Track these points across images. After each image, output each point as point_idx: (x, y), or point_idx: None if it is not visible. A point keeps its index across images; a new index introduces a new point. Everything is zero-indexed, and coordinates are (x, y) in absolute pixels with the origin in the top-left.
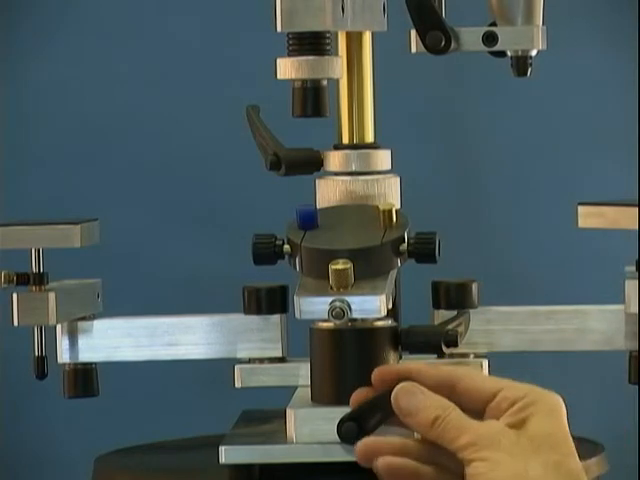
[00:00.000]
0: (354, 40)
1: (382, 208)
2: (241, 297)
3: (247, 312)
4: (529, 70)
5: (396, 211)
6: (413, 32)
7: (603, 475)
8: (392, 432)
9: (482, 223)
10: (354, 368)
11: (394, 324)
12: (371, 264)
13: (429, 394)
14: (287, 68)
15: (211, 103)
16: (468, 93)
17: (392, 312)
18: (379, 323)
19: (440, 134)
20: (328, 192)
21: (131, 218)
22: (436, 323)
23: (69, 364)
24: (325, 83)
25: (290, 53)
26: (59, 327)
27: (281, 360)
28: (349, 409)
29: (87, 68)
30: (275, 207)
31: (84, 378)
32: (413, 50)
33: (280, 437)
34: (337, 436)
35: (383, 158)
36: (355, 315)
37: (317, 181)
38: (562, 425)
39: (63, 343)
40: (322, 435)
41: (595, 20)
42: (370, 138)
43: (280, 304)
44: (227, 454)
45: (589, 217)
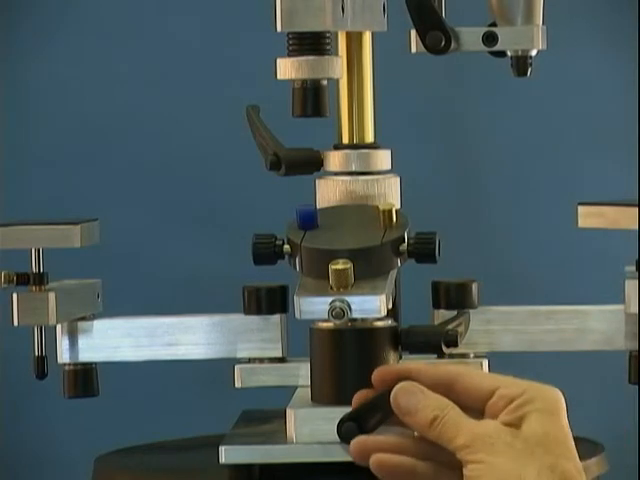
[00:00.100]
0: (354, 40)
1: (382, 208)
2: (241, 297)
3: (247, 312)
4: (529, 70)
5: (396, 211)
6: (413, 32)
7: (603, 475)
8: (392, 432)
9: (482, 223)
10: (354, 368)
11: (394, 324)
12: (371, 264)
13: (428, 393)
14: (287, 68)
15: (211, 103)
16: (468, 93)
17: (392, 312)
18: (379, 323)
19: (440, 134)
20: (328, 192)
21: (131, 218)
22: (436, 323)
23: (69, 364)
24: (325, 83)
25: (290, 53)
26: (59, 327)
27: (281, 360)
28: (349, 409)
29: (87, 68)
30: (275, 207)
31: (84, 378)
32: (413, 50)
33: (280, 437)
34: (337, 436)
35: (383, 158)
36: (355, 315)
37: (317, 181)
38: (559, 423)
39: (63, 343)
40: (322, 435)
41: (595, 20)
42: (370, 138)
43: (280, 304)
44: (227, 454)
45: (589, 217)
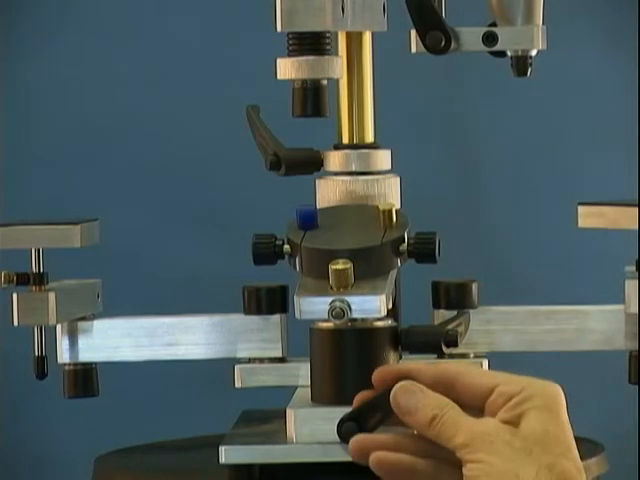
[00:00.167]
0: (354, 40)
1: (382, 208)
2: (241, 297)
3: (247, 312)
4: (529, 70)
5: (396, 211)
6: (413, 32)
7: (603, 475)
8: (392, 431)
9: (482, 223)
10: (354, 368)
11: (394, 324)
12: (371, 264)
13: (428, 392)
14: (287, 68)
15: (211, 103)
16: (468, 93)
17: (392, 312)
18: (379, 323)
19: (440, 134)
20: (328, 192)
21: (131, 218)
22: (436, 323)
23: (69, 364)
24: (325, 83)
25: (290, 53)
26: (59, 327)
27: (281, 360)
28: (349, 409)
29: (87, 68)
30: (275, 207)
31: (84, 378)
32: (413, 50)
33: (280, 437)
34: (337, 436)
35: (383, 158)
36: (355, 315)
37: (317, 181)
38: (559, 419)
39: (63, 343)
40: (322, 435)
41: (595, 20)
42: (370, 138)
43: (280, 304)
44: (227, 454)
45: (589, 217)
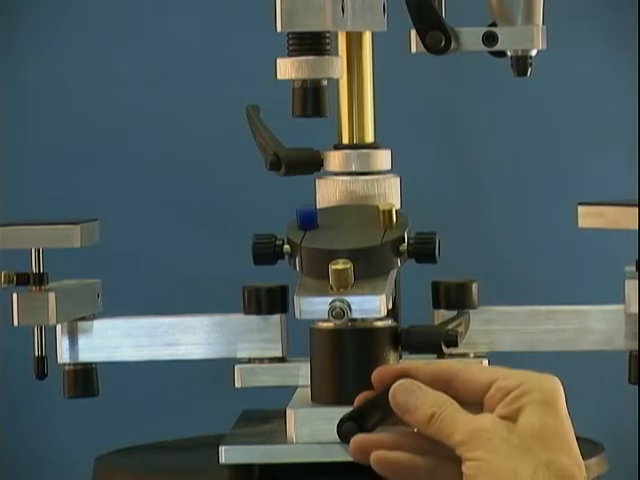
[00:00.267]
0: (354, 40)
1: (382, 208)
2: (241, 297)
3: (247, 312)
4: (529, 70)
5: (396, 211)
6: (413, 32)
7: (603, 475)
8: (392, 430)
9: (482, 223)
10: (354, 368)
11: (394, 324)
12: (371, 264)
13: (426, 390)
14: (287, 68)
15: (211, 103)
16: (468, 93)
17: (392, 312)
18: (379, 323)
19: (440, 134)
20: (328, 192)
21: (131, 218)
22: (436, 323)
23: (69, 364)
24: (325, 83)
25: (290, 53)
26: (59, 327)
27: (281, 360)
28: (349, 409)
29: (87, 68)
30: (275, 207)
31: (84, 378)
32: (413, 50)
33: (280, 437)
34: (337, 436)
35: (383, 158)
36: (355, 315)
37: (317, 181)
38: (557, 414)
39: (63, 343)
40: (322, 435)
41: (595, 20)
42: (370, 138)
43: (280, 304)
44: (227, 454)
45: (589, 217)
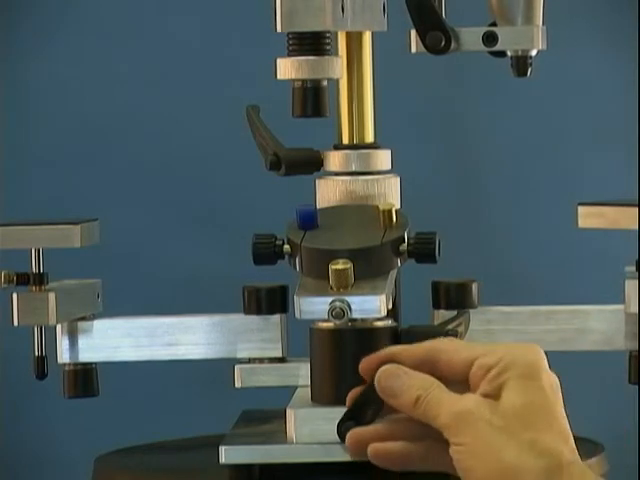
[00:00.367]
0: (354, 40)
1: (382, 208)
2: (241, 297)
3: (247, 312)
4: (529, 70)
5: (396, 211)
6: (413, 32)
7: (603, 475)
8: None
9: (482, 223)
10: (354, 368)
11: (394, 324)
12: (371, 264)
13: (411, 374)
14: (287, 68)
15: (211, 103)
16: (468, 93)
17: (392, 312)
18: (379, 323)
19: (440, 134)
20: (328, 192)
21: (131, 218)
22: (436, 323)
23: (69, 364)
24: (325, 83)
25: (290, 53)
26: (59, 327)
27: (281, 360)
28: None
29: (87, 68)
30: (275, 207)
31: (84, 378)
32: (413, 50)
33: (280, 437)
34: (337, 436)
35: (383, 158)
36: (355, 315)
37: (317, 181)
38: (539, 387)
39: (63, 343)
40: (322, 435)
41: (595, 20)
42: (370, 138)
43: (280, 304)
44: (227, 454)
45: (589, 217)
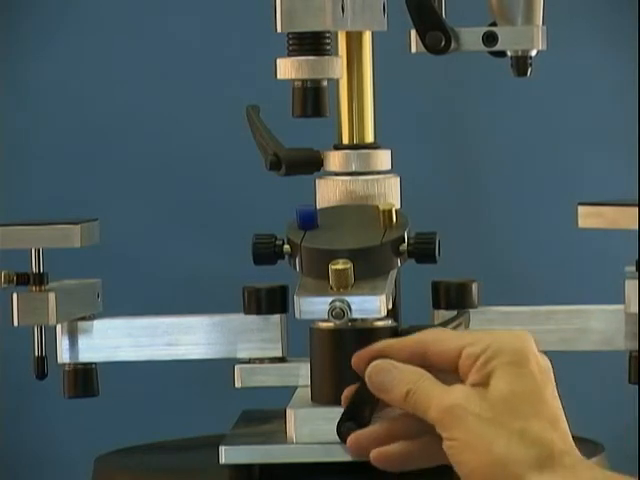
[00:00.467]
0: (354, 40)
1: (382, 208)
2: (241, 297)
3: (247, 312)
4: (529, 70)
5: (396, 211)
6: (413, 32)
7: None
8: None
9: (482, 223)
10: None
11: (394, 324)
12: (371, 264)
13: (401, 367)
14: (287, 68)
15: (211, 103)
16: (468, 93)
17: (392, 312)
18: (379, 323)
19: (440, 134)
20: (328, 192)
21: (131, 218)
22: (436, 323)
23: (69, 364)
24: (325, 83)
25: (290, 53)
26: (59, 327)
27: (281, 360)
28: None
29: (87, 68)
30: (275, 207)
31: (84, 378)
32: (413, 50)
33: (280, 437)
34: (337, 436)
35: (383, 158)
36: (355, 315)
37: (317, 181)
38: (527, 374)
39: (63, 343)
40: (322, 435)
41: (595, 20)
42: (370, 138)
43: (280, 304)
44: (227, 454)
45: (589, 217)
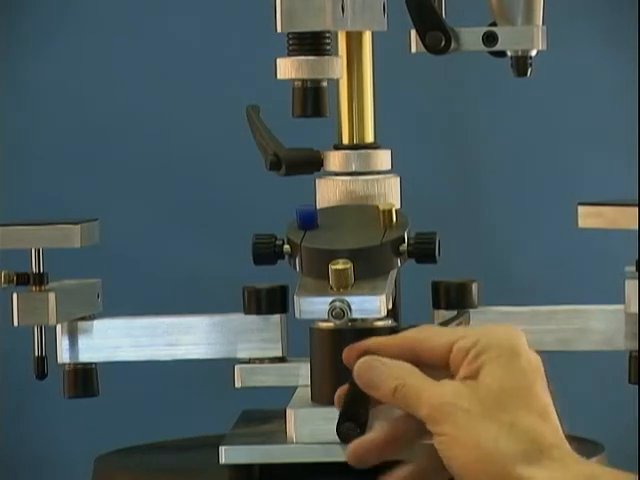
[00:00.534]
0: (354, 40)
1: (382, 208)
2: (241, 297)
3: (247, 312)
4: (529, 70)
5: (396, 211)
6: (413, 32)
7: None
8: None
9: (482, 223)
10: None
11: (394, 324)
12: (371, 264)
13: (389, 363)
14: (287, 68)
15: (211, 103)
16: (468, 93)
17: (392, 312)
18: (379, 323)
19: (440, 134)
20: (328, 192)
21: (131, 218)
22: (436, 323)
23: (69, 364)
24: (325, 83)
25: (290, 53)
26: (59, 327)
27: (281, 360)
28: None
29: (87, 68)
30: (275, 207)
31: (84, 378)
32: (413, 50)
33: (280, 437)
34: (337, 436)
35: (383, 158)
36: (355, 315)
37: (317, 181)
38: (515, 368)
39: (63, 343)
40: (322, 435)
41: (595, 20)
42: (370, 138)
43: (280, 304)
44: (227, 454)
45: (589, 217)
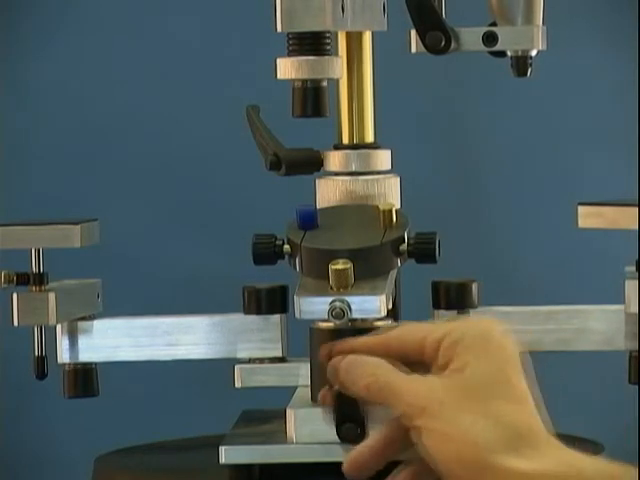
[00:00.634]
0: (354, 40)
1: (382, 208)
2: (241, 297)
3: (247, 312)
4: (529, 70)
5: (396, 211)
6: (413, 32)
7: None
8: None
9: (482, 223)
10: None
11: (394, 324)
12: (371, 264)
13: (362, 360)
14: (287, 68)
15: (211, 103)
16: (468, 93)
17: (392, 312)
18: (379, 323)
19: (440, 134)
20: (328, 192)
21: (131, 218)
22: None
23: (69, 364)
24: (325, 83)
25: (290, 53)
26: (59, 327)
27: (281, 360)
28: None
29: (87, 68)
30: (275, 207)
31: (84, 378)
32: (413, 50)
33: (280, 437)
34: (337, 436)
35: (383, 158)
36: (355, 315)
37: (317, 181)
38: (492, 355)
39: (63, 343)
40: (322, 435)
41: (595, 20)
42: (370, 138)
43: (280, 304)
44: (227, 454)
45: (589, 217)
